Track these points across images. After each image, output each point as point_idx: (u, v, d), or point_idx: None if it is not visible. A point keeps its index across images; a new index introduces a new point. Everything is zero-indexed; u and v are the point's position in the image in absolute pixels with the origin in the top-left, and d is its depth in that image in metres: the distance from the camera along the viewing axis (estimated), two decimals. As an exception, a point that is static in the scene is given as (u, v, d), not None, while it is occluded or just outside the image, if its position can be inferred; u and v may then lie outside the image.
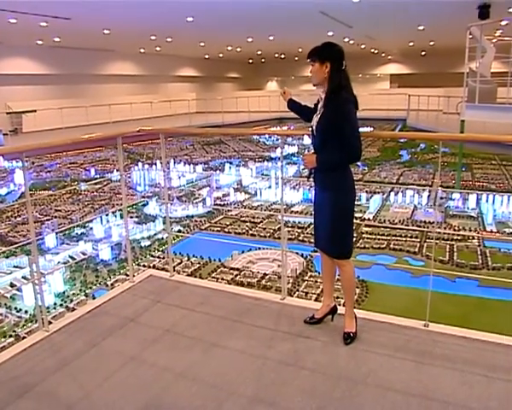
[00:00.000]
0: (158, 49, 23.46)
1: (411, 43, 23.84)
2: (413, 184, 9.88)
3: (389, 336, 3.01)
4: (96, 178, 11.36)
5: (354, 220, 2.95)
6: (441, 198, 8.62)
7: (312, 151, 2.93)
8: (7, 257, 6.26)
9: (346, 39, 21.33)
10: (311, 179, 3.00)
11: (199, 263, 5.97)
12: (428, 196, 8.73)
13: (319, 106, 2.85)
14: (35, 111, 19.03)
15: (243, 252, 6.27)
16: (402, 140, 16.00)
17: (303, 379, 2.60)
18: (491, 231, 6.97)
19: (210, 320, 3.30)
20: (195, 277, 5.34)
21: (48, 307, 4.87)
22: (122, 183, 3.96)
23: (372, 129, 18.88)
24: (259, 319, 3.28)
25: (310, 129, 2.95)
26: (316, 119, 2.85)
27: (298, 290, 5.14)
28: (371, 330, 3.06)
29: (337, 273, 3.08)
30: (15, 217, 8.29)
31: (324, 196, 2.90)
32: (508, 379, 2.55)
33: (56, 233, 6.94)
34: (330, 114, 2.71)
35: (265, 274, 5.56)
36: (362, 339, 2.95)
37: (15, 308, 4.91)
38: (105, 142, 16.18)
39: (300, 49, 26.28)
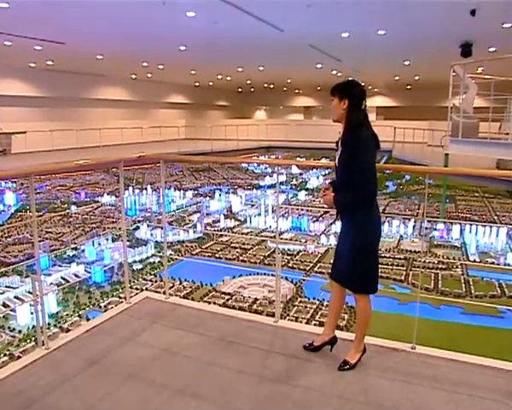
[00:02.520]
0: (149, 75, 23.84)
1: (397, 77, 24.59)
2: (398, 214, 10.12)
3: (379, 357, 3.14)
4: (87, 202, 11.41)
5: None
6: (426, 228, 8.87)
7: (331, 188, 2.99)
8: (-2, 277, 6.29)
9: (334, 72, 21.94)
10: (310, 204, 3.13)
11: (191, 287, 6.06)
12: (414, 226, 8.98)
13: (339, 144, 2.92)
14: (25, 132, 19.09)
15: (234, 277, 6.38)
16: (387, 171, 16.35)
17: (297, 396, 2.72)
18: (474, 261, 7.19)
19: (206, 341, 3.41)
20: (191, 300, 5.43)
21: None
22: (122, 207, 4.10)
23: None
24: (254, 340, 3.40)
25: (333, 165, 3.03)
26: (337, 156, 2.92)
27: (288, 315, 5.25)
28: (361, 351, 3.20)
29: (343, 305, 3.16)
30: (6, 237, 8.31)
31: (346, 231, 2.99)
32: (491, 398, 2.70)
33: (51, 255, 6.99)
34: (347, 153, 2.81)
35: (256, 299, 5.67)
36: (353, 360, 3.08)
37: (9, 328, 4.95)
38: (101, 165, 16.28)
39: (289, 80, 26.91)
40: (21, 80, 20.09)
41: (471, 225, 8.59)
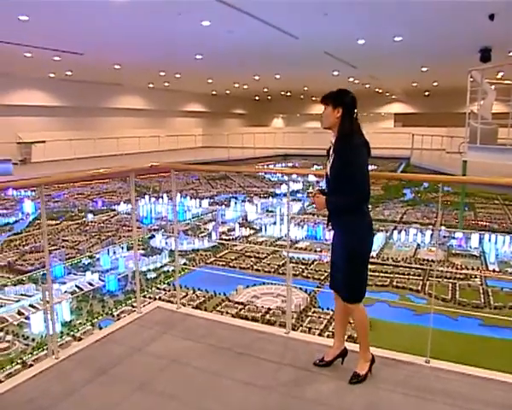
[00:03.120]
0: (166, 84, 24.06)
1: (415, 84, 24.36)
2: (416, 223, 9.96)
3: (390, 370, 3.07)
4: (104, 210, 11.52)
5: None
6: (444, 237, 8.71)
7: (321, 194, 2.97)
8: (14, 285, 6.35)
9: (351, 79, 21.84)
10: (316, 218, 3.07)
11: (204, 296, 6.04)
12: (431, 234, 8.83)
13: (330, 152, 2.93)
14: (44, 142, 19.45)
15: (248, 286, 6.34)
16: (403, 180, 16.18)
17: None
18: (494, 271, 7.03)
19: (215, 352, 3.38)
20: (201, 309, 5.40)
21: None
22: (133, 216, 4.10)
23: (376, 167, 19.16)
24: (264, 351, 3.35)
25: (324, 174, 3.02)
26: (329, 164, 2.92)
27: (301, 326, 5.19)
28: (373, 365, 3.12)
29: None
30: (23, 245, 8.41)
31: (338, 239, 2.98)
32: (507, 416, 2.61)
33: (66, 263, 7.06)
34: (341, 160, 2.80)
35: (269, 309, 5.62)
36: (364, 374, 3.01)
37: (22, 336, 4.98)
38: (112, 175, 16.45)
39: (306, 88, 26.86)
40: (41, 90, 20.48)
41: (490, 233, 8.42)
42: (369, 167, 2.88)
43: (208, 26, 10.91)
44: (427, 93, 29.10)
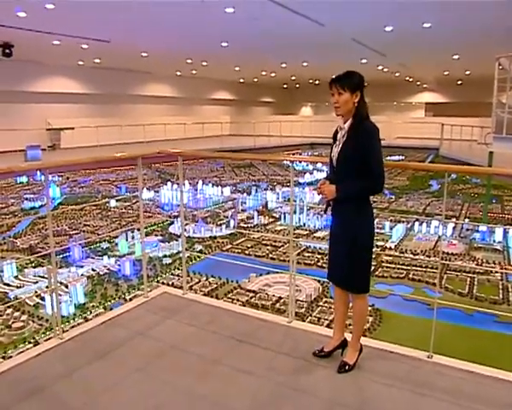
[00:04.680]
0: (194, 72, 24.10)
1: (446, 72, 23.69)
2: (438, 215, 9.73)
3: (391, 365, 3.00)
4: (127, 197, 11.69)
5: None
6: (467, 230, 8.49)
7: (328, 182, 2.83)
8: (34, 267, 6.52)
9: (380, 67, 21.40)
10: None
11: (216, 283, 6.07)
12: (454, 227, 8.61)
13: (339, 136, 2.80)
14: (73, 128, 19.81)
15: (261, 275, 6.33)
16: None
17: (298, 402, 2.64)
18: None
19: (216, 339, 3.38)
20: (211, 296, 5.43)
21: (67, 317, 5.06)
22: (140, 202, 4.12)
23: (403, 158, 18.79)
24: (264, 340, 3.33)
25: (328, 160, 2.89)
26: (336, 149, 2.78)
27: (311, 315, 5.15)
28: (373, 357, 3.06)
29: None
30: (46, 229, 8.61)
31: (342, 230, 2.82)
32: (506, 416, 2.52)
33: (89, 248, 7.22)
34: (356, 145, 2.66)
35: (280, 298, 5.60)
36: (363, 367, 2.95)
37: (37, 316, 5.12)
38: (119, 161, 16.65)
39: (334, 76, 26.45)
40: (70, 78, 20.81)
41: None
42: (396, 158, 2.77)
43: (232, 13, 10.84)
44: (459, 82, 28.27)
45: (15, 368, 3.00)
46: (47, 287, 5.81)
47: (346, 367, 2.89)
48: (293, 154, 21.96)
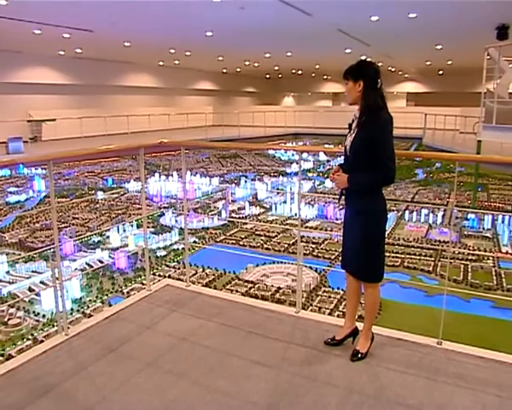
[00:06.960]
0: (177, 62, 23.83)
1: (428, 62, 23.91)
2: (428, 203, 9.84)
3: (402, 352, 3.03)
4: (114, 188, 11.53)
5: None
6: (456, 218, 8.60)
7: (341, 170, 2.86)
8: (25, 262, 6.39)
9: (364, 57, 21.42)
10: (332, 197, 2.98)
11: (213, 275, 6.03)
12: (443, 215, 8.72)
13: (353, 125, 2.82)
14: (54, 120, 19.44)
15: (258, 265, 6.31)
16: (417, 159, 15.98)
17: (316, 391, 2.64)
18: (507, 252, 6.94)
19: (225, 331, 3.36)
20: (210, 288, 5.39)
21: (66, 313, 4.97)
22: (143, 193, 4.06)
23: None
24: (274, 331, 3.32)
25: (343, 149, 2.91)
26: (350, 138, 2.81)
27: (311, 305, 5.16)
28: (384, 345, 3.09)
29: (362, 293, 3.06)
30: (34, 223, 8.45)
31: (356, 220, 2.86)
32: (521, 400, 2.56)
33: (76, 240, 7.09)
34: (367, 135, 2.68)
35: (279, 288, 5.60)
36: (375, 354, 2.97)
37: (33, 312, 5.02)
38: (121, 152, 16.45)
39: (318, 66, 26.50)
40: (51, 68, 20.35)
41: (504, 215, 8.29)
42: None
43: (218, 2, 10.71)
44: (440, 72, 28.55)
45: (22, 366, 2.93)
46: (41, 282, 5.75)
47: (359, 355, 2.92)
48: (278, 144, 21.95)
